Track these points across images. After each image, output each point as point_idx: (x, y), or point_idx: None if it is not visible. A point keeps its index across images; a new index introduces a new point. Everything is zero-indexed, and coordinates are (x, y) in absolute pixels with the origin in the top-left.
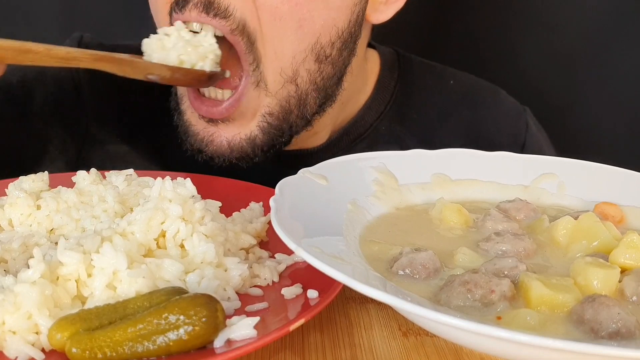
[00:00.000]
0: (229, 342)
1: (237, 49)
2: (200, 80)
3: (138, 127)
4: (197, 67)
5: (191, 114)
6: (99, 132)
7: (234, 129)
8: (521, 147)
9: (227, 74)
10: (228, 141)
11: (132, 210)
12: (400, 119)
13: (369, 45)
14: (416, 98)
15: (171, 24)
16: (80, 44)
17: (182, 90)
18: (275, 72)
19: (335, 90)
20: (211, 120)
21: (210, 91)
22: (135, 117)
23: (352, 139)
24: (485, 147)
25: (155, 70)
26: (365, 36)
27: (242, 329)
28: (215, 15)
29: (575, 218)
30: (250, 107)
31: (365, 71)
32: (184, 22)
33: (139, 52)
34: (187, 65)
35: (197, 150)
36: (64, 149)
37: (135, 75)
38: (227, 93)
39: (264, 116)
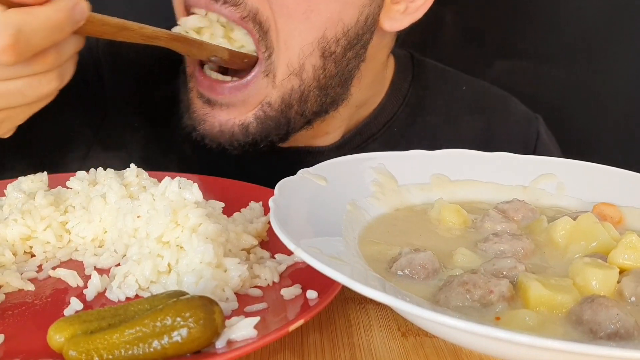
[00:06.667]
0: (228, 342)
1: (251, 37)
2: (249, 63)
3: (153, 109)
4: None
5: (195, 92)
6: (116, 113)
7: (229, 114)
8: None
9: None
10: (220, 124)
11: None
12: (413, 121)
13: None
14: (429, 101)
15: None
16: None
17: (191, 69)
18: (284, 63)
19: (339, 93)
20: (208, 102)
21: (212, 74)
22: (151, 99)
23: (364, 139)
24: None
25: (218, 53)
26: (385, 45)
27: (243, 329)
28: (224, 3)
29: (574, 219)
30: (254, 95)
31: (384, 76)
32: (192, 8)
33: None
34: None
35: (191, 127)
36: (80, 130)
37: (201, 56)
38: (227, 78)
39: (263, 105)
